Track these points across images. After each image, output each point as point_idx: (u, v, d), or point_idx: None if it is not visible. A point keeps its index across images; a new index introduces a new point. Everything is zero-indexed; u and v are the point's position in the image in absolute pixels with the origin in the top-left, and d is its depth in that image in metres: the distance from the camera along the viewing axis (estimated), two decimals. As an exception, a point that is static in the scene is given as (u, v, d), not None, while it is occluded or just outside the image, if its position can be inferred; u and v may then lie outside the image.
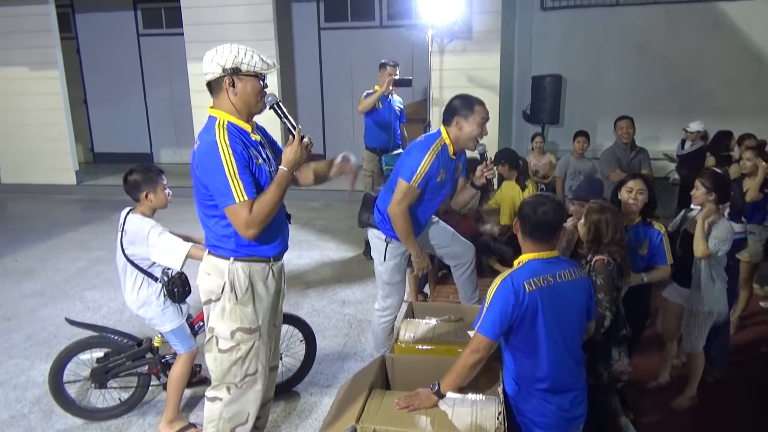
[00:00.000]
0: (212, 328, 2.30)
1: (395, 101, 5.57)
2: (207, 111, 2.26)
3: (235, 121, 2.21)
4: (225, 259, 2.26)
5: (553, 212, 2.13)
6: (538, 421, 2.20)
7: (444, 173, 3.02)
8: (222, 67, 2.14)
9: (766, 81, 8.45)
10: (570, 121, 8.67)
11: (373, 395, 2.45)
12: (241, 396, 2.36)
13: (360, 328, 4.28)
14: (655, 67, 8.68)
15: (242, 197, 2.10)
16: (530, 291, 2.08)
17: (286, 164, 2.19)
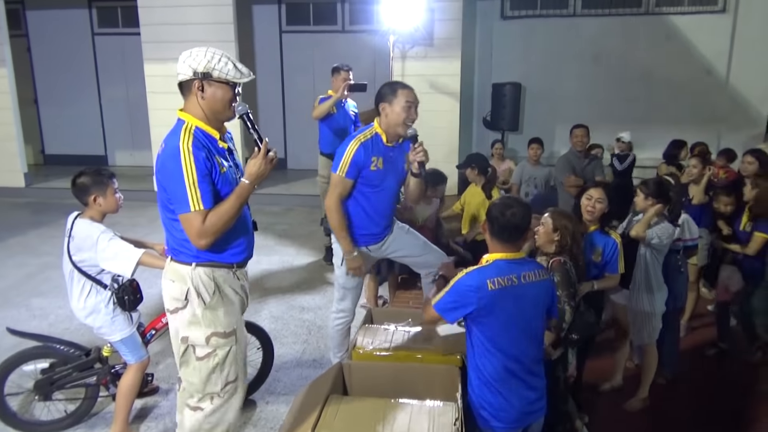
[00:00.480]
0: (185, 337, 2.22)
1: (350, 106, 5.51)
2: (176, 113, 2.20)
3: (203, 126, 2.16)
4: (187, 265, 2.19)
5: (521, 215, 2.18)
6: (499, 415, 2.23)
7: (380, 161, 2.99)
8: (193, 69, 2.09)
9: (714, 92, 8.80)
10: (529, 129, 8.82)
11: (329, 402, 2.42)
12: (222, 405, 2.29)
13: (319, 335, 4.23)
14: (611, 77, 8.93)
15: (198, 206, 2.04)
16: (492, 289, 2.12)
17: (249, 177, 2.13)
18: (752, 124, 8.70)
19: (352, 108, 5.55)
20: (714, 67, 8.77)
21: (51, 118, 10.48)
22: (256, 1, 9.42)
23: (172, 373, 3.66)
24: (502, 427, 2.24)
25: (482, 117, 9.03)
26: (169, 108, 8.92)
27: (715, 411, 3.54)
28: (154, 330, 3.07)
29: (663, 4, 8.78)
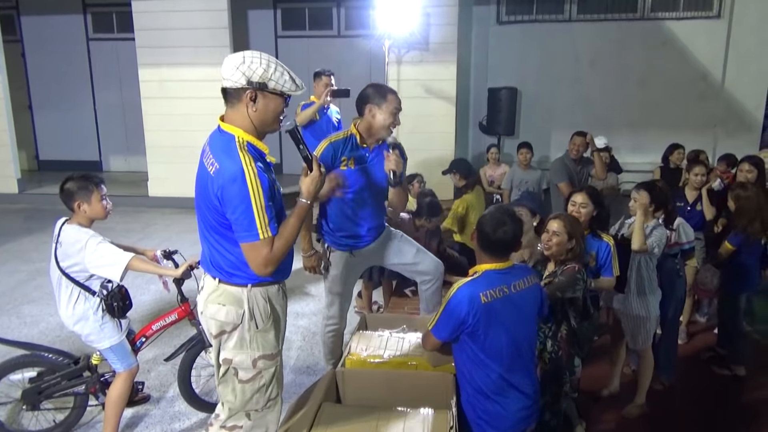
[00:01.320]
0: (228, 359, 2.14)
1: (333, 112, 5.38)
2: (218, 122, 2.07)
3: (254, 141, 2.04)
4: (242, 287, 2.10)
5: (512, 232, 2.16)
6: (495, 423, 2.21)
7: (350, 162, 2.97)
8: (248, 78, 1.95)
9: (709, 97, 8.80)
10: (525, 133, 8.80)
11: (322, 410, 2.38)
12: (262, 419, 2.24)
13: (313, 341, 4.18)
14: (607, 82, 8.93)
15: (266, 234, 1.94)
16: (486, 302, 2.10)
17: (308, 196, 2.06)
18: (747, 129, 8.71)
19: (335, 114, 5.43)
20: (710, 73, 8.79)
21: (45, 124, 10.44)
22: (251, 6, 9.41)
23: (164, 381, 3.61)
24: None
25: (478, 121, 9.01)
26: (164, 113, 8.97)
27: (713, 418, 3.50)
28: (144, 337, 3.02)
29: (658, 9, 8.79)
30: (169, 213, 7.80)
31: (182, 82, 7.93)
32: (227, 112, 2.05)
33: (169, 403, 3.39)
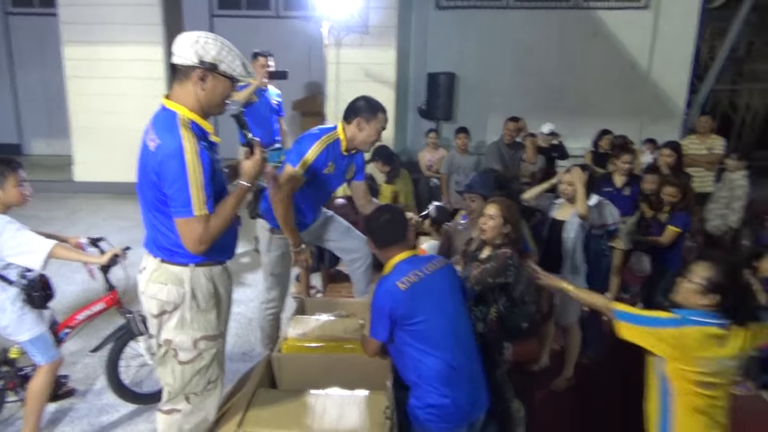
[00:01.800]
0: (168, 340, 2.12)
1: (272, 94, 5.25)
2: (161, 101, 2.05)
3: (197, 119, 2.04)
4: (184, 266, 2.08)
5: (394, 219, 2.29)
6: (447, 417, 2.20)
7: (333, 167, 3.01)
8: (200, 57, 1.96)
9: (638, 86, 9.19)
10: (463, 118, 8.92)
11: (257, 396, 2.35)
12: (201, 403, 2.23)
13: (250, 327, 4.12)
14: (542, 69, 9.15)
15: (202, 211, 1.94)
16: (405, 289, 2.15)
17: (248, 179, 2.10)
18: (670, 116, 9.16)
19: (274, 96, 5.29)
20: (637, 62, 9.16)
21: (-41, 104, 9.72)
22: (184, -18, 9.04)
23: (90, 373, 3.47)
24: (449, 426, 2.21)
25: (417, 106, 9.05)
26: (91, 94, 8.47)
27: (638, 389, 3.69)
28: (68, 328, 2.88)
29: (591, -2, 9.06)
30: (97, 198, 7.45)
31: (111, 61, 7.54)
32: (174, 89, 2.05)
33: (96, 396, 3.26)
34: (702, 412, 2.05)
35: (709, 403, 2.05)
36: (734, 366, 2.03)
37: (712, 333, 2.00)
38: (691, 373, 2.02)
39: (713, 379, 2.01)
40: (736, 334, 2.02)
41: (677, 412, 2.09)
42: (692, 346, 2.01)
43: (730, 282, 2.01)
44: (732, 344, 2.01)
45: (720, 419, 2.07)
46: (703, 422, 2.06)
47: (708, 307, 2.04)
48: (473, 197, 3.32)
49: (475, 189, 3.35)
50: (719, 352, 2.00)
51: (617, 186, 4.65)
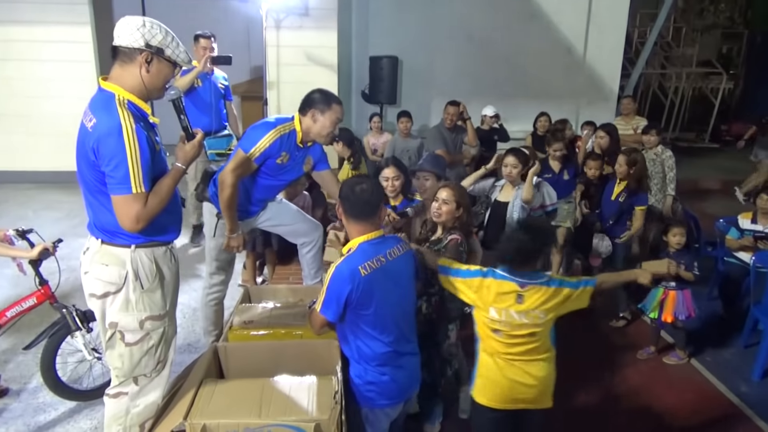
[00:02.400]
0: (114, 323, 2.14)
1: (218, 78, 5.06)
2: (99, 82, 2.08)
3: (135, 100, 2.08)
4: (125, 247, 2.11)
5: (371, 191, 2.19)
6: (386, 393, 2.26)
7: (286, 157, 2.98)
8: (146, 41, 2.02)
9: (573, 69, 9.47)
10: (407, 102, 8.94)
11: (203, 387, 2.31)
12: (150, 384, 2.25)
13: (194, 318, 4.03)
14: (482, 53, 9.27)
15: (140, 189, 1.98)
16: (365, 275, 2.12)
17: (184, 162, 2.18)
18: (605, 98, 9.51)
19: (221, 80, 5.10)
20: (573, 46, 9.43)
21: None
22: (113, -40, 8.58)
23: (25, 372, 3.31)
24: (390, 403, 2.27)
25: (361, 90, 9.00)
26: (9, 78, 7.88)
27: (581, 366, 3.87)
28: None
29: (528, -18, 9.22)
30: (25, 189, 7.04)
31: (30, 42, 7.05)
32: (114, 71, 2.08)
33: (31, 395, 3.12)
34: (495, 354, 2.32)
35: (502, 349, 2.30)
36: (528, 320, 2.25)
37: (510, 288, 2.25)
38: (487, 320, 2.29)
39: (502, 327, 2.27)
40: (533, 293, 2.24)
41: (481, 354, 2.39)
42: (490, 295, 2.28)
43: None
44: (528, 302, 2.24)
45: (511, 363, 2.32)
46: (495, 363, 2.32)
47: None
48: (427, 176, 3.33)
49: (426, 168, 3.36)
50: (515, 307, 2.25)
51: (556, 171, 4.82)
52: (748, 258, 4.26)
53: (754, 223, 4.37)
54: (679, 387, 3.70)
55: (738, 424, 3.35)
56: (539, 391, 2.35)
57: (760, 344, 3.87)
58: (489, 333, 2.31)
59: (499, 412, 2.36)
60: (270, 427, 2.10)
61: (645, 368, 3.87)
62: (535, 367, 2.32)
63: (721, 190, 9.25)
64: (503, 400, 2.34)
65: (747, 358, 3.97)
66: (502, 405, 2.34)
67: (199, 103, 4.92)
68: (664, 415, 3.40)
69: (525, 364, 2.31)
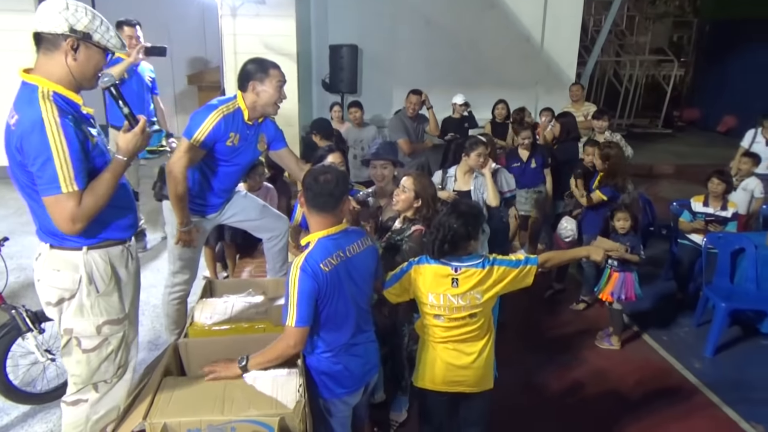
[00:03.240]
0: (69, 329, 2.01)
1: (144, 70, 4.75)
2: (19, 75, 1.90)
3: (63, 91, 1.91)
4: (76, 250, 1.97)
5: (336, 181, 2.13)
6: (342, 382, 2.25)
7: (236, 138, 2.87)
8: (71, 25, 1.84)
9: (531, 57, 9.58)
10: (368, 91, 8.90)
11: (164, 386, 2.24)
12: (110, 391, 2.14)
13: (154, 314, 3.93)
14: (442, 42, 9.26)
15: (71, 187, 1.82)
16: (327, 271, 2.08)
17: (125, 153, 1.98)
18: (563, 86, 9.63)
19: (148, 72, 4.81)
20: (531, 35, 9.53)
21: None
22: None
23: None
24: (346, 391, 2.27)
25: (321, 79, 8.90)
26: None
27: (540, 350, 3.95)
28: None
29: (486, -30, 9.25)
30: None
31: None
32: (38, 60, 1.92)
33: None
34: (435, 340, 2.37)
35: (443, 333, 2.34)
36: (465, 302, 2.28)
37: (445, 272, 2.28)
38: (428, 307, 2.32)
39: (442, 312, 2.30)
40: (467, 276, 2.27)
41: (422, 345, 2.44)
42: (426, 281, 2.30)
43: None
44: (463, 285, 2.27)
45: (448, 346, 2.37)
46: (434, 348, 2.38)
47: None
48: (384, 164, 3.30)
49: (382, 155, 3.34)
50: (451, 291, 2.27)
51: (524, 160, 4.87)
52: (700, 240, 4.41)
53: (706, 206, 4.52)
54: (637, 366, 3.81)
55: (693, 399, 3.48)
56: (479, 374, 2.39)
57: (711, 323, 4.02)
58: (432, 321, 2.34)
59: (439, 395, 2.41)
60: (234, 423, 2.05)
61: (604, 350, 3.98)
62: (472, 348, 2.37)
63: (675, 174, 9.56)
64: (441, 382, 2.39)
65: (700, 336, 4.12)
66: (441, 387, 2.39)
67: (127, 97, 4.58)
68: (623, 393, 3.51)
69: (462, 346, 2.36)
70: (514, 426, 3.13)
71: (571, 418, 3.28)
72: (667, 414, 3.30)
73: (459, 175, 3.89)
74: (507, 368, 3.55)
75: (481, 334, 2.37)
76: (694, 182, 7.50)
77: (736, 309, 4.03)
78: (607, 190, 4.28)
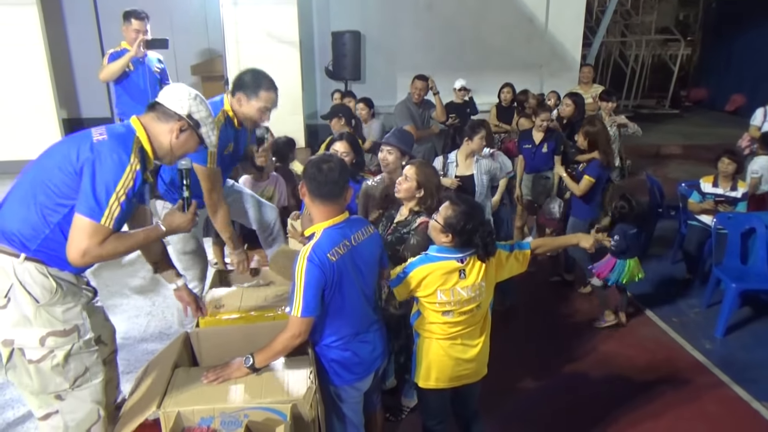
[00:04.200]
0: (9, 340, 1.89)
1: (152, 61, 4.63)
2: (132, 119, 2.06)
3: (148, 150, 2.03)
4: (11, 255, 1.86)
5: (338, 170, 2.10)
6: (351, 368, 2.25)
7: (232, 145, 2.89)
8: (189, 112, 2.05)
9: (535, 39, 9.47)
10: (372, 78, 8.85)
11: (176, 375, 2.26)
12: (81, 396, 2.04)
13: (164, 305, 3.95)
14: (444, 26, 9.17)
15: (108, 222, 1.84)
16: (335, 261, 2.07)
17: (168, 226, 2.09)
18: (568, 68, 9.55)
19: (156, 64, 4.68)
20: (535, 16, 9.41)
21: None
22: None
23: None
24: (356, 377, 2.27)
25: (324, 66, 8.85)
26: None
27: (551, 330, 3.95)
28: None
29: (488, -49, 9.12)
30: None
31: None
32: (149, 117, 2.07)
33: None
34: (439, 338, 2.34)
35: (449, 329, 2.31)
36: (474, 293, 2.27)
37: (452, 266, 2.25)
38: (436, 306, 2.28)
39: (452, 307, 2.27)
40: (473, 265, 2.26)
41: (422, 342, 2.40)
42: (435, 279, 2.25)
43: (462, 222, 2.21)
44: (471, 275, 2.26)
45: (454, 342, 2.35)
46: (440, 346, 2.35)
47: (448, 244, 2.26)
48: (390, 150, 3.28)
49: (392, 142, 3.32)
50: (460, 283, 2.25)
51: (536, 143, 4.79)
52: (709, 221, 4.37)
53: (716, 186, 4.48)
54: (647, 347, 3.81)
55: (703, 379, 3.48)
56: (479, 363, 2.41)
57: (721, 303, 4.00)
58: (439, 318, 2.31)
59: (444, 391, 2.42)
60: (246, 411, 2.07)
61: (613, 331, 3.98)
62: (477, 339, 2.37)
63: (682, 155, 9.48)
64: (449, 379, 2.39)
65: (710, 317, 4.11)
66: (448, 384, 2.39)
67: (133, 91, 4.51)
68: (633, 374, 3.50)
69: (468, 339, 2.35)
70: (525, 409, 3.14)
71: (581, 399, 3.28)
72: (678, 394, 3.30)
73: (460, 159, 3.87)
74: (516, 351, 3.58)
75: (483, 324, 2.38)
76: (702, 163, 7.50)
77: (747, 289, 4.01)
78: (594, 168, 4.17)
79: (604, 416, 3.12)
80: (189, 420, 2.06)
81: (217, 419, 2.06)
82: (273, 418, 2.06)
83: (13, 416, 2.88)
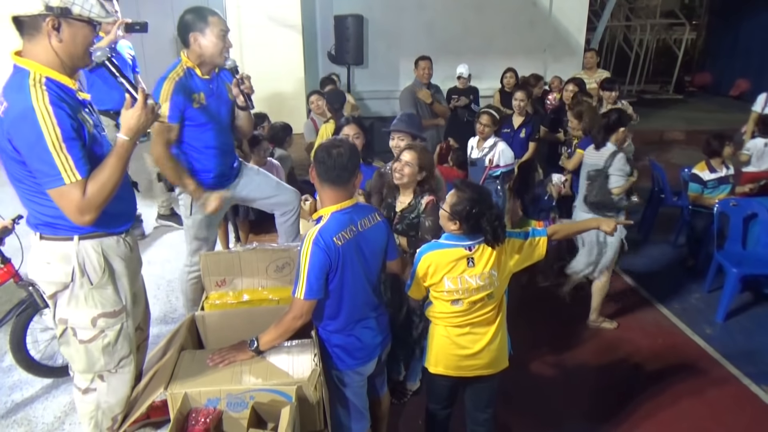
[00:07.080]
0: (64, 319, 1.96)
1: (123, 48, 4.47)
2: (11, 58, 1.78)
3: (56, 76, 1.79)
4: (67, 240, 1.88)
5: (348, 155, 2.10)
6: (353, 353, 2.27)
7: (201, 97, 2.80)
8: (45, 3, 1.70)
9: (539, 23, 9.39)
10: (374, 62, 8.79)
11: (183, 357, 2.29)
12: (117, 381, 2.13)
13: (169, 288, 3.98)
14: (448, 10, 9.08)
15: (72, 177, 1.73)
16: (340, 245, 2.08)
17: (128, 132, 1.85)
18: (572, 53, 9.48)
19: (127, 50, 4.54)
20: (538, 0, 9.33)
21: None
22: None
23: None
24: (359, 362, 2.29)
25: (327, 51, 8.79)
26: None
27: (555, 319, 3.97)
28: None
29: (491, -65, 9.00)
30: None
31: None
32: (24, 46, 1.79)
33: (5, 374, 3.08)
34: (449, 326, 2.32)
35: (459, 318, 2.29)
36: (484, 282, 2.23)
37: (460, 254, 2.22)
38: (445, 294, 2.26)
39: (461, 296, 2.25)
40: (482, 253, 2.23)
41: (434, 329, 2.38)
42: (442, 266, 2.23)
43: (468, 207, 2.18)
44: (480, 263, 2.23)
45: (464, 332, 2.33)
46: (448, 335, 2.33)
47: (456, 231, 2.24)
48: (402, 137, 3.24)
49: (401, 128, 3.29)
50: (468, 271, 2.23)
51: (514, 128, 4.74)
52: (713, 205, 4.38)
53: (713, 171, 4.48)
54: (648, 332, 3.83)
55: (704, 364, 3.51)
56: (493, 355, 2.36)
57: (723, 288, 4.02)
58: (448, 307, 2.29)
59: (453, 379, 2.41)
60: (252, 392, 2.10)
61: (618, 318, 3.99)
62: (488, 330, 2.33)
63: (686, 140, 9.45)
64: (456, 368, 2.37)
65: (711, 302, 4.13)
66: (456, 372, 2.38)
67: (108, 79, 4.39)
68: (634, 359, 3.53)
69: (478, 328, 2.32)
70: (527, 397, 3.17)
71: (583, 385, 3.32)
72: (678, 379, 3.33)
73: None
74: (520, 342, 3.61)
75: (496, 315, 2.34)
76: (705, 148, 7.46)
77: (748, 274, 4.02)
78: (585, 142, 4.08)
79: (607, 400, 3.16)
80: (196, 401, 2.09)
81: (223, 400, 2.10)
82: (278, 400, 2.09)
83: (21, 397, 2.92)
